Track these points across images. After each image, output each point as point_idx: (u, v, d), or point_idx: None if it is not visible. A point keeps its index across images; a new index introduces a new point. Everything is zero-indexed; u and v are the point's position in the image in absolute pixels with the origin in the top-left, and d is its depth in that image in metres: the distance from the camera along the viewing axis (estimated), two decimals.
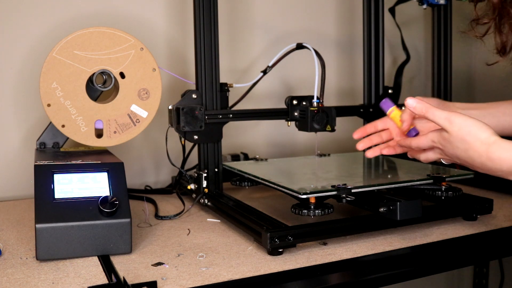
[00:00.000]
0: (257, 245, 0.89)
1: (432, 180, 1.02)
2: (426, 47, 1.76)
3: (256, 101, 1.48)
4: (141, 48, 1.06)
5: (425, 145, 0.88)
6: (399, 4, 1.45)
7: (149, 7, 1.40)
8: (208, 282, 0.74)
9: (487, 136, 0.79)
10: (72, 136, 1.04)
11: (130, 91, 1.06)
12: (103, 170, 0.90)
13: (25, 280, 0.75)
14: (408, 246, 0.89)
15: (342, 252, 0.86)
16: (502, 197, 1.17)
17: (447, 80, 1.41)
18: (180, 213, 1.09)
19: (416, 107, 0.86)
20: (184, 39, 1.42)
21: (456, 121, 0.81)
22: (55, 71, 1.01)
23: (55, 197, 0.85)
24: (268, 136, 1.56)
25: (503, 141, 0.78)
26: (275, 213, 1.00)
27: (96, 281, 0.74)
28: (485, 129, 0.79)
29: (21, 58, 1.28)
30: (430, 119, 0.84)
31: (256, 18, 1.53)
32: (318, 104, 1.13)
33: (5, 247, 0.90)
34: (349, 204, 0.96)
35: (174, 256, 0.84)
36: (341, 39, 1.66)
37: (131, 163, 1.38)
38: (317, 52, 1.13)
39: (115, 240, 0.84)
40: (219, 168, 1.16)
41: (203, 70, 1.12)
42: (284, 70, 1.52)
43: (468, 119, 0.80)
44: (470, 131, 0.80)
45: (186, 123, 1.10)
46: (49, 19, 1.30)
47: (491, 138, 0.79)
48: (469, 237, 0.94)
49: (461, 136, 0.80)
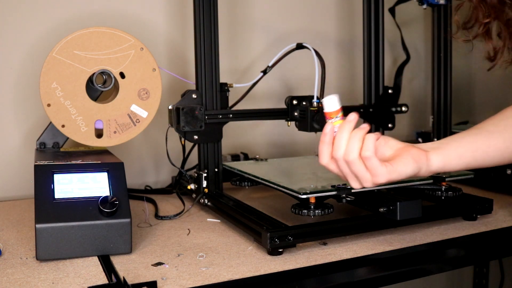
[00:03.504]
0: (257, 245, 0.89)
1: (432, 180, 1.02)
2: (426, 47, 1.76)
3: (256, 101, 1.48)
4: (141, 48, 1.06)
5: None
6: (399, 4, 1.45)
7: (149, 7, 1.40)
8: (208, 282, 0.74)
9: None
10: (72, 136, 1.04)
11: (130, 91, 1.06)
12: (103, 170, 0.90)
13: (25, 280, 0.75)
14: (408, 246, 0.89)
15: (342, 252, 0.86)
16: (502, 197, 1.17)
17: (447, 80, 1.41)
18: (180, 213, 1.09)
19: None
20: (184, 39, 1.42)
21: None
22: (55, 71, 1.01)
23: (55, 197, 0.85)
24: (268, 136, 1.56)
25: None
26: (275, 213, 1.00)
27: (96, 281, 0.74)
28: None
29: (21, 58, 1.28)
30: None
31: (256, 18, 1.53)
32: (318, 104, 1.13)
33: (5, 247, 0.90)
34: (349, 204, 0.96)
35: (174, 256, 0.84)
36: (341, 39, 1.65)
37: (131, 163, 1.38)
38: (317, 52, 1.13)
39: (115, 240, 0.84)
40: (219, 168, 1.16)
41: (203, 70, 1.12)
42: (284, 70, 1.52)
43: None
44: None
45: (186, 123, 1.10)
46: (49, 19, 1.30)
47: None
48: (469, 237, 0.94)
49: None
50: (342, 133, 0.76)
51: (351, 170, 0.77)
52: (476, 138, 0.82)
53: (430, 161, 0.79)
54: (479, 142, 0.82)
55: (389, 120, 1.34)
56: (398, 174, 0.77)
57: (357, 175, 0.77)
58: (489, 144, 0.81)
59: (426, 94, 1.71)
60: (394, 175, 0.76)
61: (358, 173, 0.76)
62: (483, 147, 0.81)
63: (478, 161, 0.82)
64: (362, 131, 0.76)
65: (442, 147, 0.81)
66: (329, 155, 0.78)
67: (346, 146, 0.76)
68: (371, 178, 0.76)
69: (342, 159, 0.76)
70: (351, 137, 0.76)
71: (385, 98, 1.36)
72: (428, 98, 1.54)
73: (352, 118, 0.77)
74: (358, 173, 0.76)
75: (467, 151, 0.81)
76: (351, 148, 0.75)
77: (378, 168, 0.75)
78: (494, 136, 0.82)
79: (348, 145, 0.76)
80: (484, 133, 0.83)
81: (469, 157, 0.81)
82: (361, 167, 0.76)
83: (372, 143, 0.75)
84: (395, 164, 0.76)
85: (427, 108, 1.56)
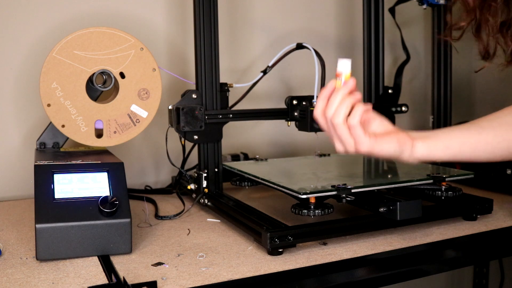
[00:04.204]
0: (257, 245, 0.89)
1: (432, 180, 1.02)
2: (426, 47, 1.76)
3: (256, 101, 1.48)
4: (141, 48, 1.06)
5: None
6: (399, 4, 1.45)
7: (149, 7, 1.40)
8: (208, 282, 0.74)
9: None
10: (72, 136, 1.04)
11: (130, 91, 1.06)
12: (103, 170, 0.90)
13: (25, 280, 0.75)
14: (408, 246, 0.89)
15: (342, 252, 0.86)
16: (502, 197, 1.17)
17: (447, 80, 1.41)
18: (180, 213, 1.09)
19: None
20: (184, 39, 1.42)
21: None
22: (55, 71, 1.01)
23: (55, 197, 0.85)
24: (268, 136, 1.56)
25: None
26: (275, 213, 1.00)
27: (96, 281, 0.74)
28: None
29: (21, 58, 1.28)
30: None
31: (256, 18, 1.53)
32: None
33: (5, 247, 0.90)
34: (349, 204, 0.96)
35: (174, 256, 0.84)
36: (341, 39, 1.65)
37: (131, 163, 1.38)
38: (317, 52, 1.13)
39: (115, 240, 0.84)
40: (219, 168, 1.16)
41: (203, 70, 1.12)
42: (284, 70, 1.52)
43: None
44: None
45: (186, 123, 1.10)
46: (49, 19, 1.30)
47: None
48: (469, 237, 0.94)
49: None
50: (336, 95, 0.80)
51: (335, 132, 0.80)
52: (466, 132, 0.84)
53: (414, 148, 0.81)
54: (469, 136, 0.83)
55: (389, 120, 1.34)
56: (380, 149, 0.80)
57: (340, 139, 0.80)
58: (479, 138, 0.83)
59: (426, 94, 1.71)
60: (376, 149, 0.80)
61: (341, 136, 0.80)
62: (472, 141, 0.83)
63: (466, 154, 0.83)
64: (352, 98, 0.79)
65: (430, 136, 0.83)
66: (322, 109, 0.81)
67: (335, 109, 0.79)
68: (354, 144, 0.79)
69: (330, 120, 0.80)
70: (340, 102, 0.79)
71: (385, 98, 1.36)
72: (428, 98, 1.54)
73: (350, 83, 0.80)
74: (341, 136, 0.80)
75: (455, 143, 0.83)
76: (338, 112, 0.78)
77: (361, 137, 0.78)
78: (485, 132, 0.83)
79: (336, 109, 0.79)
80: (476, 127, 0.84)
81: (455, 149, 0.83)
82: (345, 132, 0.79)
83: (359, 113, 0.78)
84: (380, 140, 0.80)
85: (427, 108, 1.56)
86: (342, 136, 0.79)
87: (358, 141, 0.79)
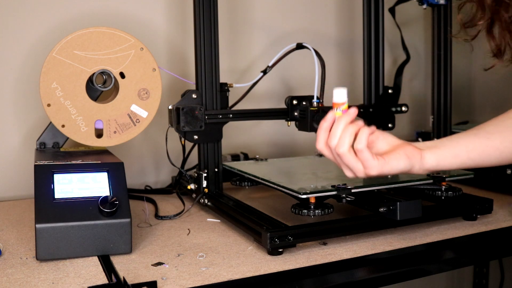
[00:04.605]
0: (257, 245, 0.89)
1: (432, 180, 1.02)
2: (426, 47, 1.76)
3: (256, 101, 1.48)
4: (141, 48, 1.06)
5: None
6: (399, 4, 1.45)
7: (149, 7, 1.40)
8: (208, 282, 0.74)
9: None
10: (72, 136, 1.04)
11: (130, 91, 1.06)
12: (103, 170, 0.90)
13: (25, 280, 0.75)
14: (408, 246, 0.89)
15: (342, 252, 0.86)
16: (502, 197, 1.17)
17: (447, 80, 1.41)
18: (180, 213, 1.09)
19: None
20: (184, 39, 1.42)
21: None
22: (55, 71, 1.01)
23: (55, 197, 0.85)
24: (268, 136, 1.56)
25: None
26: (275, 213, 1.00)
27: (96, 281, 0.74)
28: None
29: (21, 58, 1.28)
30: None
31: (256, 18, 1.53)
32: (318, 104, 1.13)
33: (5, 247, 0.90)
34: (349, 204, 0.96)
35: (174, 256, 0.84)
36: (341, 39, 1.65)
37: (131, 163, 1.38)
38: (317, 52, 1.13)
39: (115, 240, 0.84)
40: (219, 168, 1.16)
41: (203, 70, 1.12)
42: (284, 70, 1.52)
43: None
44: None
45: (186, 123, 1.10)
46: (49, 19, 1.30)
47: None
48: (469, 237, 0.94)
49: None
50: (338, 125, 0.79)
51: (342, 161, 0.80)
52: (473, 139, 0.83)
53: (424, 159, 0.81)
54: (477, 142, 0.83)
55: (389, 120, 1.35)
56: (390, 168, 0.79)
57: (348, 166, 0.80)
58: (487, 144, 0.83)
59: (426, 94, 1.71)
60: (386, 168, 0.79)
61: (349, 164, 0.79)
62: (481, 147, 0.83)
63: (475, 161, 0.83)
64: (355, 126, 0.79)
65: (438, 146, 0.83)
66: (325, 141, 0.80)
67: (339, 139, 0.78)
68: (363, 169, 0.79)
69: (334, 150, 0.79)
70: (344, 131, 0.78)
71: (385, 98, 1.36)
72: (428, 98, 1.54)
73: (351, 112, 0.80)
74: (349, 164, 0.79)
75: (463, 151, 0.82)
76: (342, 141, 0.78)
77: (369, 160, 0.78)
78: (493, 137, 0.83)
79: (340, 138, 0.78)
80: (483, 133, 0.84)
81: (464, 157, 0.82)
82: (352, 159, 0.78)
83: (365, 136, 0.78)
84: (388, 158, 0.79)
85: (427, 108, 1.56)
86: (350, 164, 0.79)
87: (367, 165, 0.78)
